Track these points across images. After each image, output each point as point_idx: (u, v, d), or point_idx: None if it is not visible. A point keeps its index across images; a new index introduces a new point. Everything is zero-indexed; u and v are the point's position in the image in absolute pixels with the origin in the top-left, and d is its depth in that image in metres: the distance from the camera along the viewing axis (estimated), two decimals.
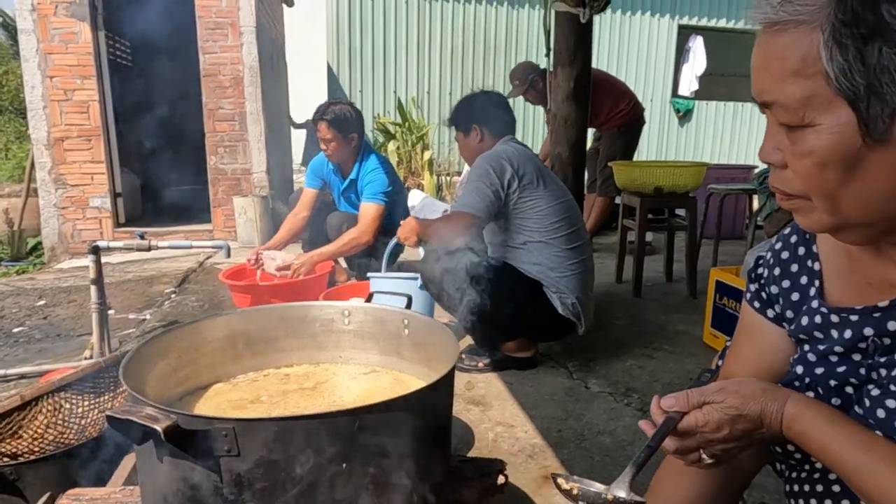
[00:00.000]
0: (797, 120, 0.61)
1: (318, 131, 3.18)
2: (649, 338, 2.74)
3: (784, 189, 0.66)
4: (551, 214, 2.24)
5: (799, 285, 0.80)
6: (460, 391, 2.22)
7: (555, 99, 3.10)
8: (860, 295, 0.73)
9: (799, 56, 0.58)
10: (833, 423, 0.67)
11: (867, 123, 0.57)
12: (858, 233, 0.66)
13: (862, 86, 0.56)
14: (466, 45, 7.71)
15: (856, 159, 0.59)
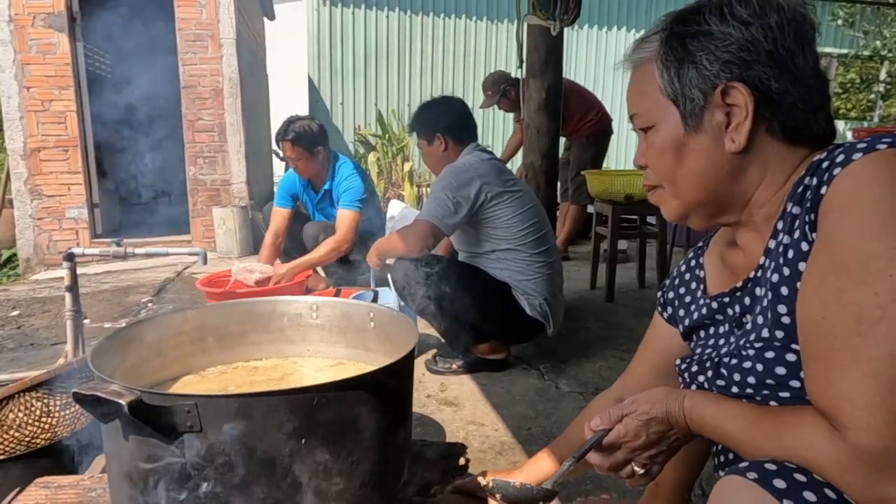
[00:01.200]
0: (647, 122, 0.84)
1: (283, 151, 3.21)
2: (619, 341, 2.80)
3: (647, 182, 0.89)
4: (519, 222, 2.29)
5: (690, 290, 0.99)
6: (434, 392, 2.26)
7: (527, 109, 3.18)
8: (726, 282, 0.89)
9: (646, 80, 0.84)
10: (717, 403, 0.76)
11: (685, 117, 0.80)
12: (699, 215, 0.85)
13: (679, 91, 0.80)
14: (446, 58, 7.83)
15: (681, 145, 0.81)
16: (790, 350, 0.72)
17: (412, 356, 0.94)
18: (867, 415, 0.59)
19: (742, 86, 0.76)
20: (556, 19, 2.87)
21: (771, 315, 0.74)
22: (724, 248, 0.93)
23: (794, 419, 0.67)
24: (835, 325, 0.62)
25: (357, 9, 7.47)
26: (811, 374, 0.66)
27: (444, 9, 7.74)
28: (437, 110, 2.43)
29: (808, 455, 0.64)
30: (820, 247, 0.67)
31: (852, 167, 0.65)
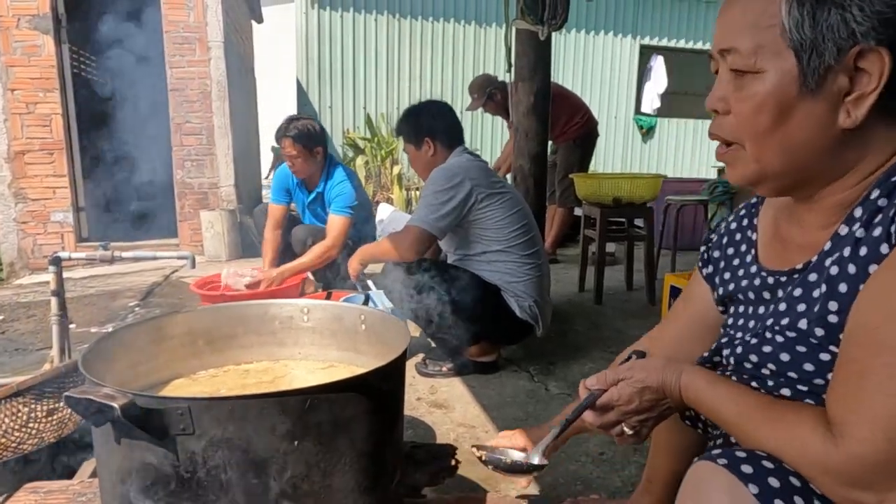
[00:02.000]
0: (748, 65, 0.68)
1: (283, 148, 3.21)
2: (608, 342, 2.83)
3: (721, 134, 0.75)
4: (509, 224, 2.31)
5: (740, 252, 0.89)
6: (424, 395, 2.26)
7: (516, 113, 3.20)
8: (778, 256, 0.82)
9: (761, 8, 0.67)
10: (714, 385, 0.76)
11: (805, 74, 0.65)
12: (776, 183, 0.74)
13: (808, 39, 0.64)
14: (435, 62, 7.86)
15: (788, 107, 0.67)
16: (826, 350, 0.69)
17: (403, 358, 0.95)
18: (877, 430, 0.59)
19: (886, 52, 0.63)
20: (545, 24, 2.89)
21: (818, 309, 0.69)
22: (781, 215, 0.83)
23: (794, 415, 0.68)
24: (887, 338, 0.60)
25: (346, 12, 7.47)
26: (841, 377, 0.65)
27: (433, 12, 7.77)
28: (423, 114, 2.44)
29: (797, 452, 0.65)
30: (893, 264, 0.62)
31: None
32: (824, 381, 0.70)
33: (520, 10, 2.96)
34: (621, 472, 1.73)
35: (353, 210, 3.21)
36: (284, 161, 3.30)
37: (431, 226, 2.23)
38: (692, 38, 8.94)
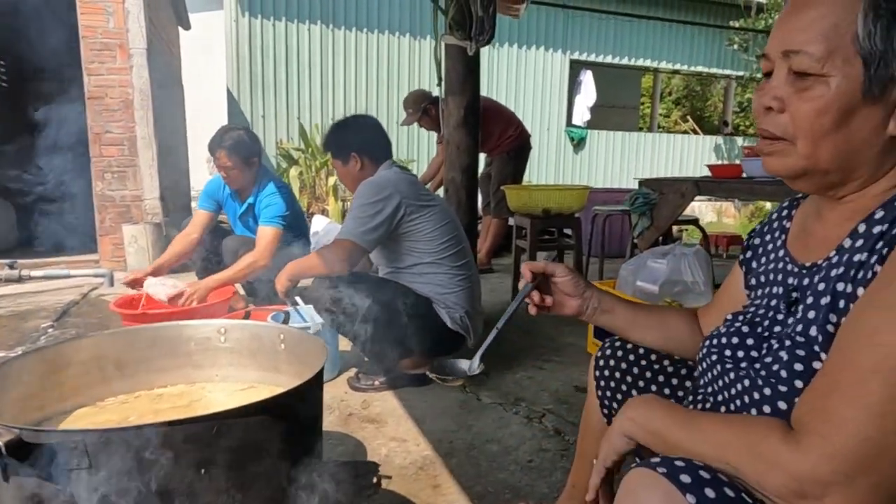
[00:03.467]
0: (816, 69, 0.71)
1: (218, 160, 3.12)
2: (540, 350, 2.89)
3: (774, 131, 0.77)
4: (439, 236, 2.33)
5: (774, 238, 0.95)
6: (356, 410, 2.24)
7: (447, 126, 3.24)
8: (799, 248, 0.87)
9: (839, 15, 0.70)
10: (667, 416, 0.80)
11: (870, 82, 0.69)
12: (816, 179, 0.77)
13: (879, 50, 0.68)
14: (370, 73, 7.84)
15: (849, 111, 0.71)
16: (819, 359, 0.73)
17: (319, 378, 0.94)
18: (841, 436, 0.61)
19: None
20: (472, 40, 2.95)
21: (822, 317, 0.74)
22: (811, 210, 0.88)
23: (757, 428, 0.69)
24: (856, 355, 0.63)
25: (277, 21, 7.35)
26: (814, 386, 0.68)
27: (368, 24, 7.77)
28: (350, 129, 2.43)
29: (765, 464, 0.65)
30: (880, 285, 0.66)
31: None
32: (803, 386, 0.72)
33: (448, 26, 3.00)
34: (549, 478, 1.76)
35: (284, 221, 3.16)
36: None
37: (360, 239, 2.22)
38: (618, 54, 9.32)
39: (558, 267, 1.11)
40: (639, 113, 12.49)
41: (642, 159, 9.64)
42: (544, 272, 1.10)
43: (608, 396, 1.17)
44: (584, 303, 1.12)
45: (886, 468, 0.59)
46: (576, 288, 1.11)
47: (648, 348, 1.15)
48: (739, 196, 2.47)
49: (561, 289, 1.12)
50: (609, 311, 1.13)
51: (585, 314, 1.13)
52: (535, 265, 1.11)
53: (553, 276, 1.11)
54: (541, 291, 1.11)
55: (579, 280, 1.12)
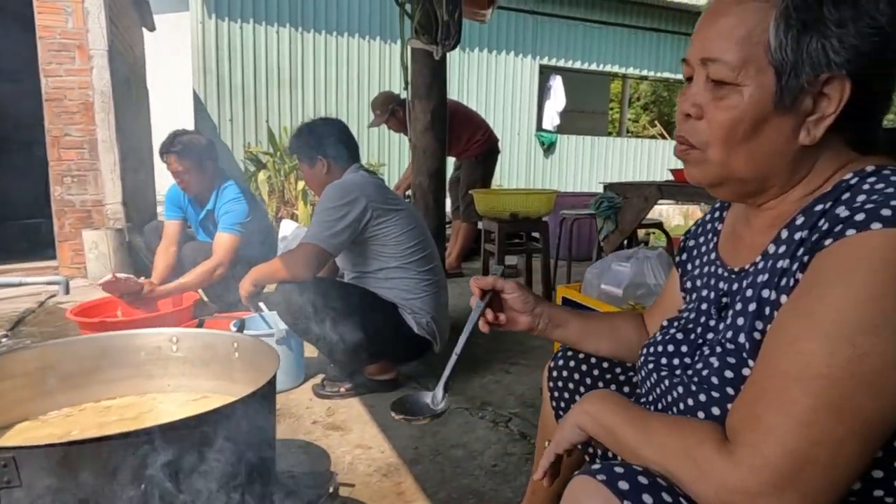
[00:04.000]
0: (731, 78, 0.71)
1: (169, 165, 3.06)
2: (508, 354, 2.90)
3: (690, 139, 0.78)
4: (406, 240, 2.32)
5: (707, 240, 0.96)
6: (320, 417, 2.21)
7: (414, 130, 3.23)
8: (729, 252, 0.88)
9: (752, 25, 0.70)
10: (615, 412, 0.80)
11: (782, 93, 0.70)
12: (734, 187, 0.78)
13: (790, 61, 0.68)
14: (340, 76, 7.79)
15: (762, 121, 0.71)
16: (747, 366, 0.74)
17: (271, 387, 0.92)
18: (769, 446, 0.61)
19: (849, 81, 0.68)
20: (439, 44, 2.95)
21: (749, 324, 0.75)
22: (739, 215, 0.89)
23: (693, 435, 0.69)
24: (780, 363, 0.64)
25: (245, 23, 7.26)
26: (743, 394, 0.68)
27: (337, 27, 7.72)
28: (316, 132, 2.40)
29: (698, 471, 0.65)
30: (801, 293, 0.67)
31: (866, 237, 0.62)
32: (734, 393, 0.73)
33: (414, 30, 3.00)
34: (513, 482, 1.77)
35: (243, 227, 3.11)
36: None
37: (326, 243, 2.20)
38: (587, 60, 9.45)
39: (507, 283, 1.11)
40: (608, 118, 12.68)
41: (611, 163, 9.78)
42: (493, 288, 1.09)
43: (562, 407, 1.18)
44: (534, 319, 1.11)
45: (814, 479, 0.59)
46: (525, 304, 1.10)
47: (601, 357, 1.15)
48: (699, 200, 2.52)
49: (511, 305, 1.11)
50: (561, 324, 1.13)
51: (537, 329, 1.12)
52: (483, 281, 1.10)
53: (502, 293, 1.10)
54: (493, 308, 1.10)
55: (528, 296, 1.11)
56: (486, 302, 1.08)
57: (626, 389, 1.13)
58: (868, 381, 0.59)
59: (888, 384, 0.59)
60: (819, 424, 0.59)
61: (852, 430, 0.59)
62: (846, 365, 0.59)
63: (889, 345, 0.59)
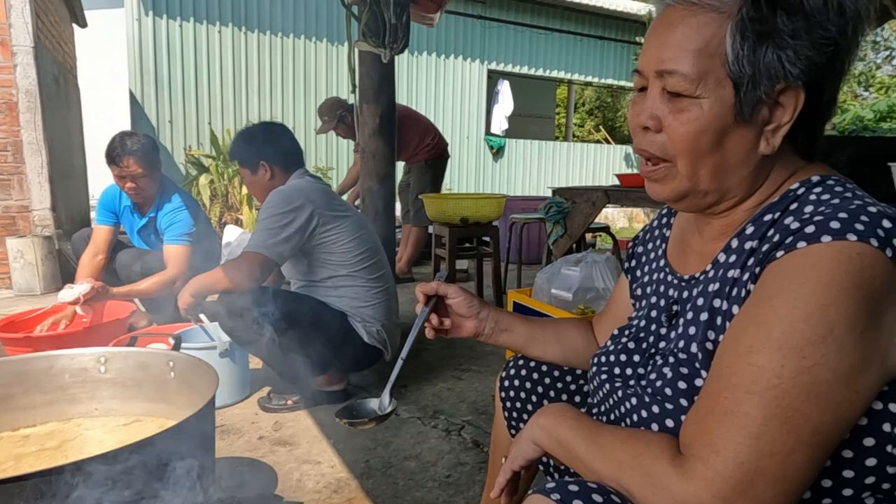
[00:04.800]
0: (690, 90, 0.70)
1: (126, 167, 2.85)
2: (460, 360, 2.87)
3: (654, 152, 0.76)
4: (355, 247, 2.26)
5: (655, 246, 0.96)
6: (267, 433, 2.12)
7: (362, 134, 3.18)
8: (677, 258, 0.89)
9: (708, 36, 0.69)
10: (572, 427, 0.78)
11: (741, 104, 0.69)
12: (697, 200, 0.78)
13: (748, 74, 0.68)
14: (286, 78, 7.62)
15: (724, 132, 0.71)
16: (700, 376, 0.73)
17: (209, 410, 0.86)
18: (720, 459, 0.61)
19: (802, 91, 0.69)
20: (387, 47, 2.91)
21: (701, 334, 0.75)
22: (687, 223, 0.90)
23: (646, 449, 0.68)
24: (732, 376, 0.63)
25: (185, 21, 7.00)
26: (695, 408, 0.68)
27: (283, 28, 7.55)
28: (258, 137, 2.31)
29: (652, 487, 0.64)
30: (752, 303, 0.67)
31: (815, 249, 0.63)
32: (688, 404, 0.72)
33: (361, 33, 2.95)
34: (466, 493, 1.74)
35: (191, 238, 2.97)
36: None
37: (270, 251, 2.11)
38: (534, 65, 9.59)
39: (450, 288, 1.08)
40: (554, 123, 12.91)
41: (559, 167, 9.95)
42: (437, 293, 1.07)
43: (515, 417, 1.16)
44: (480, 324, 1.09)
45: (765, 490, 0.59)
46: (470, 309, 1.08)
47: (552, 365, 1.14)
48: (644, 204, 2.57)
49: (455, 310, 1.09)
50: (507, 329, 1.11)
51: (483, 335, 1.11)
52: (427, 287, 1.07)
53: (446, 298, 1.08)
54: (438, 314, 1.08)
55: (473, 300, 1.09)
56: (430, 307, 1.06)
57: (578, 399, 1.13)
58: (817, 392, 0.59)
59: (835, 394, 0.60)
60: (769, 436, 0.60)
61: (802, 440, 0.59)
62: (795, 376, 0.59)
63: (836, 355, 0.59)
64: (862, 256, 0.61)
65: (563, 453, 0.79)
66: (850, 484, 0.65)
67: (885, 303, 0.61)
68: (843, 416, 0.60)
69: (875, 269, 0.60)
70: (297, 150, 2.39)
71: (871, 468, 0.64)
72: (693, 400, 0.72)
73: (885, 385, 0.63)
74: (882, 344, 0.61)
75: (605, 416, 0.89)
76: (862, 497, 0.66)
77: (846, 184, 0.73)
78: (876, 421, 0.63)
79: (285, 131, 2.39)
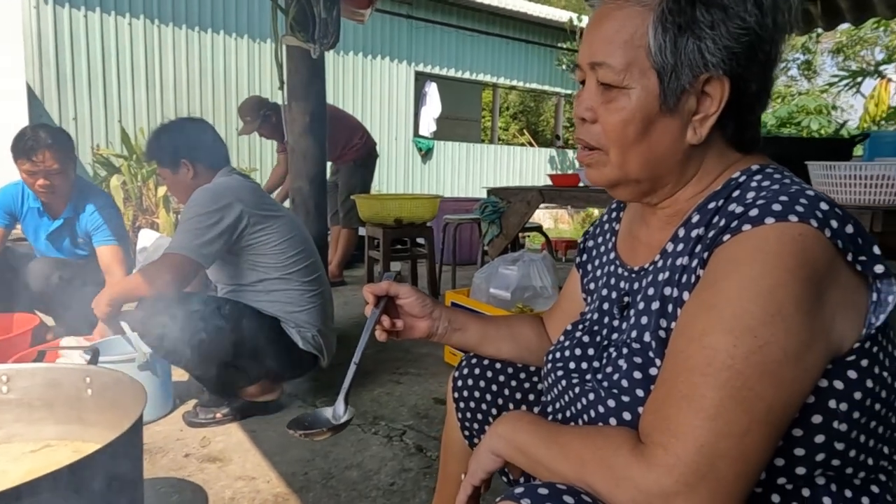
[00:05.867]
0: (617, 81, 0.73)
1: (41, 162, 2.54)
2: (397, 364, 2.81)
3: (589, 141, 0.79)
4: (287, 249, 2.16)
5: (605, 240, 0.97)
6: (194, 449, 1.98)
7: (291, 133, 3.05)
8: (627, 251, 0.90)
9: (633, 29, 0.71)
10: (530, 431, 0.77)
11: (665, 94, 0.71)
12: (631, 188, 0.80)
13: (670, 63, 0.70)
14: (204, 76, 7.26)
15: (650, 122, 0.73)
16: (655, 365, 0.74)
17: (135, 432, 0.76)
18: (680, 444, 0.61)
19: (727, 81, 0.71)
20: (316, 42, 2.81)
21: (654, 323, 0.75)
22: (635, 215, 0.92)
23: (606, 444, 0.68)
24: (688, 360, 0.64)
25: (91, 11, 6.51)
26: (653, 396, 0.68)
27: (200, 22, 7.18)
28: (179, 133, 2.17)
29: (614, 481, 0.64)
30: (703, 287, 0.68)
31: (760, 231, 0.64)
32: (645, 395, 0.72)
33: (289, 26, 2.83)
34: (412, 500, 1.69)
35: (123, 238, 2.76)
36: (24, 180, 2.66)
37: (195, 253, 1.97)
38: (461, 68, 9.65)
39: (402, 287, 1.04)
40: (480, 126, 13.07)
41: (486, 169, 10.07)
42: (388, 294, 1.02)
43: (468, 417, 1.12)
44: (433, 323, 1.06)
45: (725, 472, 0.60)
46: (423, 308, 1.04)
47: (506, 363, 1.12)
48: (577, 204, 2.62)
49: (408, 311, 1.04)
50: (460, 328, 1.08)
51: (437, 335, 1.07)
52: (377, 287, 1.02)
53: (397, 298, 1.03)
54: (388, 315, 1.02)
55: (426, 300, 1.06)
56: (381, 309, 1.01)
57: (532, 397, 1.11)
58: (769, 371, 0.60)
59: (786, 373, 0.61)
60: (726, 416, 0.60)
61: (757, 419, 0.60)
62: (748, 356, 0.60)
63: (786, 334, 0.61)
64: (804, 237, 0.62)
65: (524, 460, 0.77)
66: (802, 462, 0.67)
67: (827, 281, 0.63)
68: (795, 393, 0.62)
69: (816, 249, 0.62)
70: (222, 146, 2.26)
71: (821, 445, 0.66)
72: (649, 390, 0.72)
73: (828, 363, 0.65)
74: (825, 322, 0.63)
75: (561, 414, 0.88)
76: (814, 475, 0.68)
77: (784, 171, 0.76)
78: (822, 398, 0.65)
79: (207, 127, 2.26)
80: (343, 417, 0.97)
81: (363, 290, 1.04)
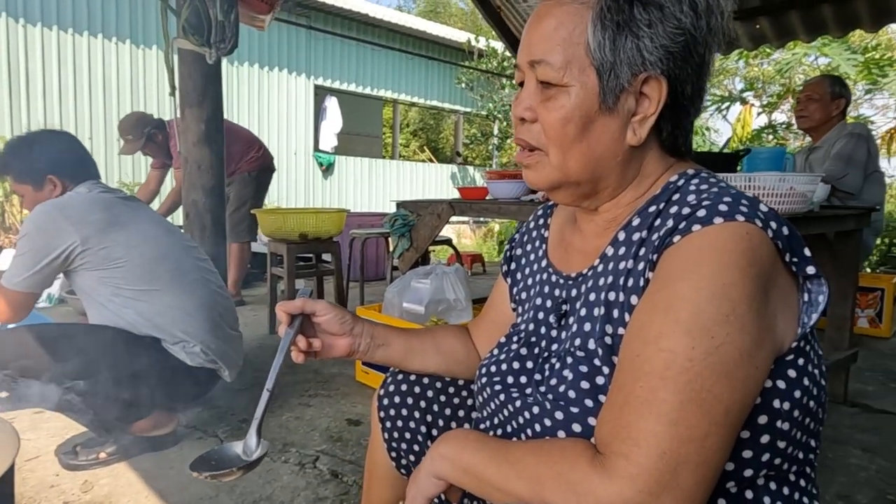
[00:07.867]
0: (557, 79, 0.72)
1: None
2: (305, 386, 2.67)
3: (529, 141, 0.77)
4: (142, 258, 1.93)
5: (535, 248, 0.95)
6: (74, 496, 1.74)
7: (185, 142, 2.84)
8: (559, 258, 0.89)
9: (572, 26, 0.71)
10: (474, 451, 0.73)
11: (605, 93, 0.71)
12: (571, 190, 0.79)
13: (609, 61, 0.70)
14: (80, 82, 6.64)
15: (589, 121, 0.72)
16: (602, 373, 0.71)
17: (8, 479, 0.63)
18: (642, 452, 0.58)
19: (665, 81, 0.71)
20: (212, 47, 2.64)
21: (599, 329, 0.73)
22: (567, 222, 0.90)
23: (562, 458, 0.65)
24: (645, 364, 0.62)
25: None
26: (609, 403, 0.65)
27: (74, 24, 6.57)
28: (41, 146, 1.95)
29: (575, 496, 0.61)
30: (655, 289, 0.66)
31: (711, 230, 0.64)
32: (594, 404, 0.70)
33: (182, 28, 2.64)
34: None
35: None
36: None
37: (24, 285, 1.83)
38: (361, 83, 9.58)
39: (318, 304, 0.95)
40: (381, 141, 13.03)
41: (389, 185, 10.03)
42: (303, 311, 0.94)
43: (395, 437, 1.06)
44: (354, 340, 0.99)
45: (685, 479, 0.58)
46: (342, 325, 0.97)
47: (434, 377, 1.07)
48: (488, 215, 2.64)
49: (325, 329, 0.97)
50: (384, 344, 1.02)
51: (358, 352, 1.00)
52: (290, 305, 0.93)
53: (314, 315, 0.95)
54: (304, 334, 0.94)
55: (346, 316, 0.98)
56: (296, 328, 0.92)
57: (462, 413, 1.06)
58: (726, 372, 0.60)
59: (742, 372, 0.61)
60: (687, 421, 0.59)
61: (716, 422, 0.59)
62: (706, 357, 0.59)
63: (740, 333, 0.60)
64: (751, 235, 0.63)
65: (471, 482, 0.72)
66: (750, 464, 0.66)
67: (772, 280, 0.64)
68: (749, 394, 0.62)
69: (763, 248, 0.63)
70: (88, 159, 2.08)
71: (765, 445, 0.66)
72: (598, 399, 0.70)
73: (773, 363, 0.65)
74: (770, 321, 0.64)
75: (501, 429, 0.84)
76: (758, 476, 0.68)
77: (717, 176, 0.78)
78: (767, 398, 0.65)
79: (72, 139, 2.07)
80: (256, 453, 0.86)
81: (276, 309, 0.95)
